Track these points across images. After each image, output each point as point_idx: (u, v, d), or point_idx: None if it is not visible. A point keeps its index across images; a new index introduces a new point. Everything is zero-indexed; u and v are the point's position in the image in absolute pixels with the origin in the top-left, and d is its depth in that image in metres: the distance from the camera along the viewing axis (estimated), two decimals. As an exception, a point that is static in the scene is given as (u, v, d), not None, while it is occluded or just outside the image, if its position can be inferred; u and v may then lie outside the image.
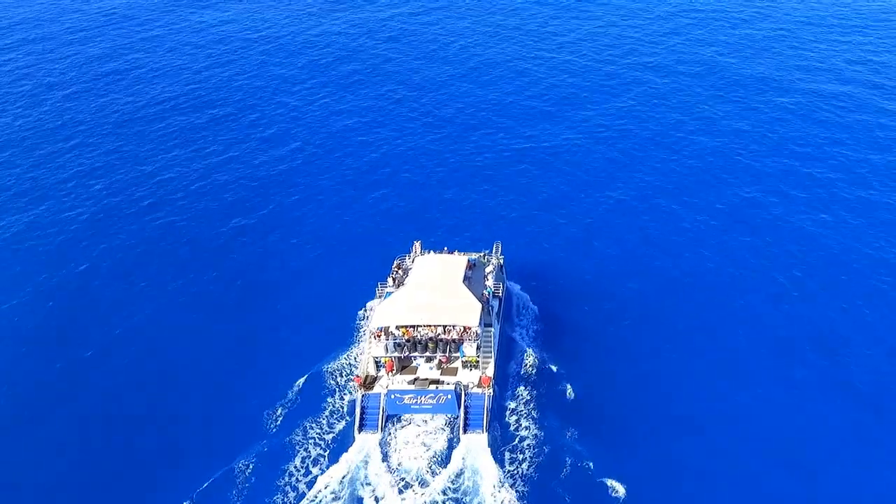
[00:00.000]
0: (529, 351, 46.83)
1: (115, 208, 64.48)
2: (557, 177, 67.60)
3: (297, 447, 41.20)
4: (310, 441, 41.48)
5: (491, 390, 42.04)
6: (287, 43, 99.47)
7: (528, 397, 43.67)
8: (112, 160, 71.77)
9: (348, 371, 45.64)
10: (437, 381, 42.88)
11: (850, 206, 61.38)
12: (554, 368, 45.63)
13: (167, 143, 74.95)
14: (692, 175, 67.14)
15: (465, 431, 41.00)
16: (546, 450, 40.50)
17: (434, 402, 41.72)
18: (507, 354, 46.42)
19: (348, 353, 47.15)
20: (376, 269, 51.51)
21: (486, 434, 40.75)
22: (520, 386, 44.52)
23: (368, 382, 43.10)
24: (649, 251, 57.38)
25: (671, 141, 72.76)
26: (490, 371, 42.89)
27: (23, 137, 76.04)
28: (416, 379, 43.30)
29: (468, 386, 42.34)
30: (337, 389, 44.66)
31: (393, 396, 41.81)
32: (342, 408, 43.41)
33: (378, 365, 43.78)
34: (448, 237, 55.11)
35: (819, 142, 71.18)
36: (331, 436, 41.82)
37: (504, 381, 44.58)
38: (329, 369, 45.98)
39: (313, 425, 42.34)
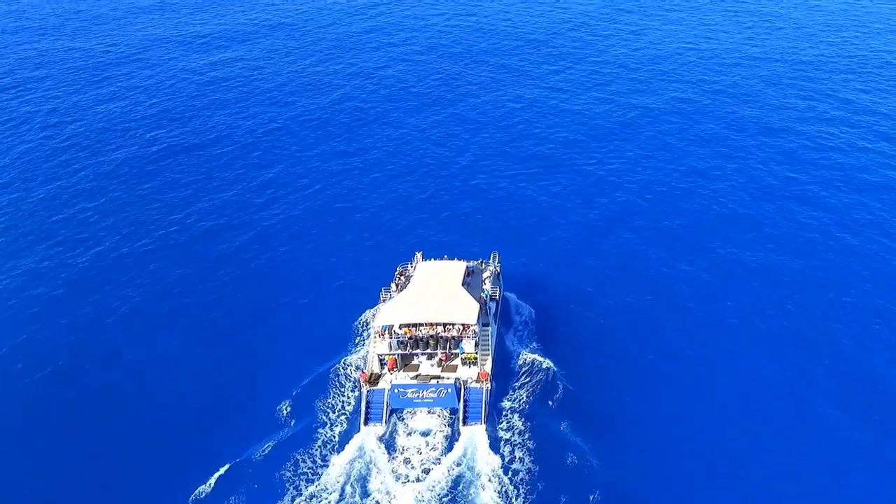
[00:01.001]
0: (525, 350, 49.43)
1: (128, 231, 67.46)
2: (552, 195, 70.71)
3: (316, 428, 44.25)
4: (322, 425, 44.10)
5: (489, 385, 44.59)
6: (286, 82, 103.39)
7: (524, 392, 46.13)
8: (118, 196, 73.85)
9: (350, 380, 48.11)
10: (437, 377, 45.40)
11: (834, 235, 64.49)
12: (548, 366, 47.95)
13: (177, 176, 78.12)
14: (678, 190, 70.43)
15: (464, 424, 43.44)
16: (540, 439, 42.86)
17: (435, 396, 44.16)
18: (503, 353, 49.03)
19: (350, 355, 49.74)
20: (380, 276, 54.45)
21: (484, 426, 43.24)
22: (516, 381, 47.03)
23: (373, 379, 45.61)
24: (638, 263, 60.32)
25: (659, 162, 76.14)
26: (488, 367, 45.46)
27: (26, 177, 78.81)
28: (417, 375, 45.83)
29: (467, 381, 44.88)
30: (337, 388, 47.29)
31: (396, 391, 44.26)
32: (351, 401, 46.13)
33: (382, 362, 46.32)
34: (447, 248, 57.85)
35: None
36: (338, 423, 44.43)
37: (501, 378, 47.04)
38: (333, 370, 48.56)
39: (328, 412, 45.11)
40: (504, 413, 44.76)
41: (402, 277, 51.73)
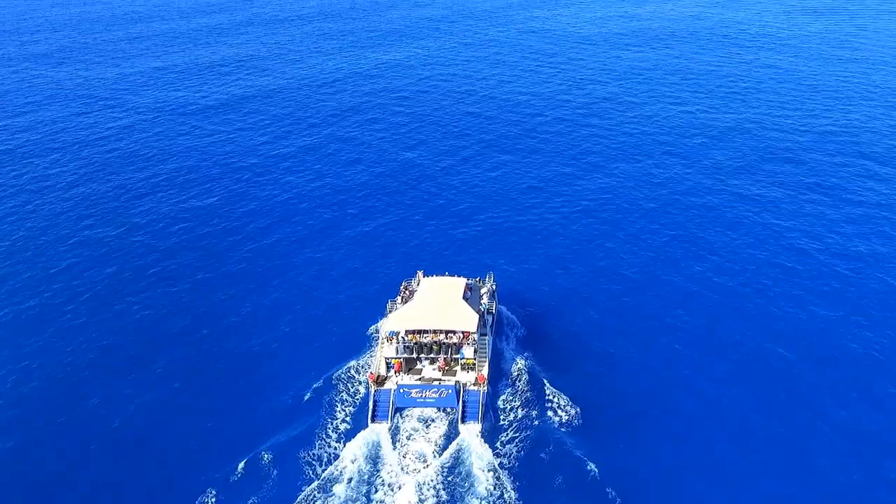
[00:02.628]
0: (517, 358, 54.35)
1: (131, 261, 71.87)
2: (542, 224, 76.14)
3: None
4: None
5: (485, 388, 49.26)
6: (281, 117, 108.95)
7: (517, 394, 50.93)
8: (121, 233, 76.63)
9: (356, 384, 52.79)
10: (439, 380, 49.99)
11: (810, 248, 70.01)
12: (538, 371, 52.84)
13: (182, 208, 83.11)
14: (663, 202, 76.11)
15: (462, 422, 47.96)
16: (531, 435, 47.56)
17: (437, 396, 48.71)
18: (498, 361, 53.86)
19: (360, 358, 54.41)
20: (387, 290, 59.74)
21: (480, 424, 47.76)
22: (510, 385, 51.84)
23: (380, 380, 50.17)
24: (619, 280, 65.69)
25: (655, 179, 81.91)
26: (485, 371, 50.15)
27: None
28: (421, 378, 50.43)
29: (466, 384, 49.53)
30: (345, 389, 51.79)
31: (402, 391, 48.80)
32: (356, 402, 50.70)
33: (389, 365, 50.93)
34: (448, 268, 62.72)
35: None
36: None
37: (496, 382, 51.84)
38: (345, 372, 53.15)
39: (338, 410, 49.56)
40: (498, 413, 49.40)
41: (406, 291, 56.56)
